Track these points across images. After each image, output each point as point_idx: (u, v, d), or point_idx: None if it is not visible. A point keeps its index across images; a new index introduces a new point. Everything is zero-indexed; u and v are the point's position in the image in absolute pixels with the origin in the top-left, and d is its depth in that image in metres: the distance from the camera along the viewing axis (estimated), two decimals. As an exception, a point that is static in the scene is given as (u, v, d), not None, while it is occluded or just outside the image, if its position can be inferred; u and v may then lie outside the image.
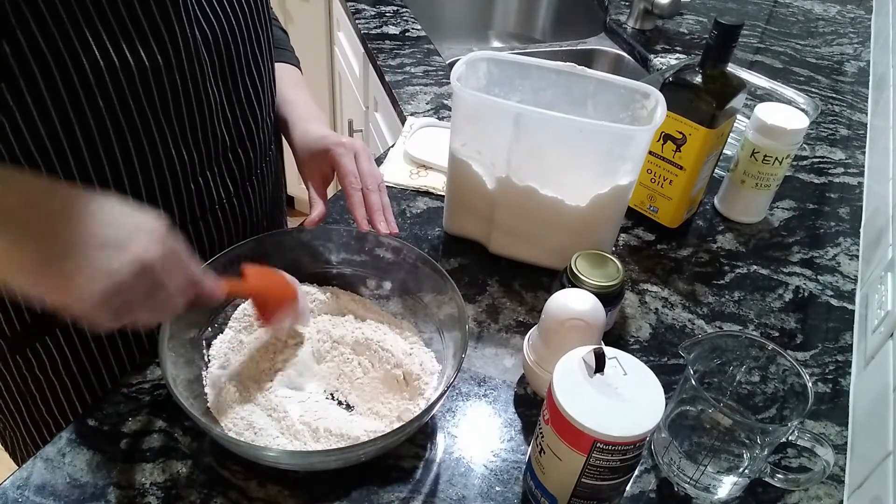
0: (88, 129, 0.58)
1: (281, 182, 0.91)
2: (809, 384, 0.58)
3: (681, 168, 0.84)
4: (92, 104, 0.56)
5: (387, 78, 1.21)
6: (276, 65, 0.83)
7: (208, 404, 0.62)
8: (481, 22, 1.73)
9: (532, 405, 0.68)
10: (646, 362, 0.55)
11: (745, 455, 0.60)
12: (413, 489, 0.60)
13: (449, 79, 0.97)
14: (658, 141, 0.84)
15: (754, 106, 0.90)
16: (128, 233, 0.48)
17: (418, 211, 0.92)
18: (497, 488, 0.61)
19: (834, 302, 0.84)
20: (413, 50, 1.31)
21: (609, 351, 0.54)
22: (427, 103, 1.14)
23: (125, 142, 0.60)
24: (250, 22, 0.68)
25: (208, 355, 0.66)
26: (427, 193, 0.94)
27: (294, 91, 0.83)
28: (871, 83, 1.32)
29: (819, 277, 0.87)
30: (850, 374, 0.75)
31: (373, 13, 1.43)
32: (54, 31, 0.52)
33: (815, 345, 0.78)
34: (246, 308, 0.70)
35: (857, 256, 0.91)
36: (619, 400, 0.52)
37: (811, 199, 1.01)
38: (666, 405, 0.53)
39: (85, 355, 0.71)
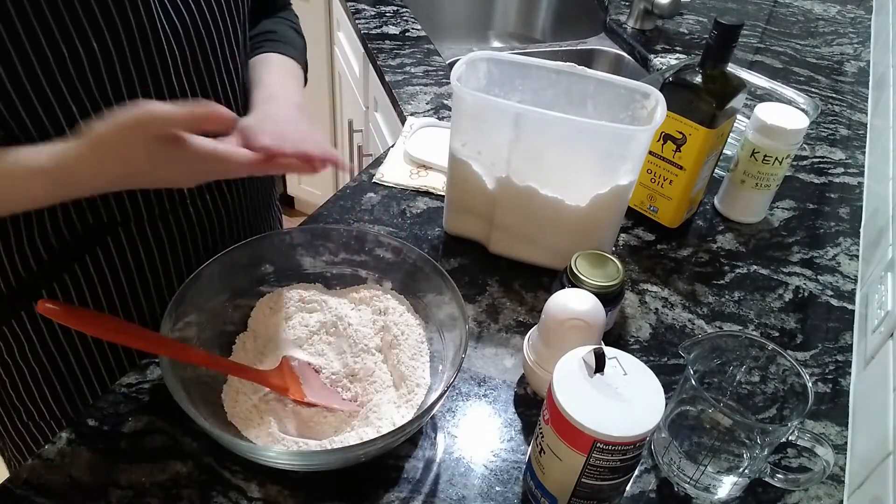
0: (54, 114, 0.58)
1: (268, 181, 0.91)
2: (809, 384, 0.58)
3: (681, 168, 0.84)
4: (56, 91, 0.57)
5: (387, 78, 1.21)
6: (266, 54, 0.80)
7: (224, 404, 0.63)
8: (481, 22, 1.73)
9: (532, 405, 0.68)
10: (646, 362, 0.55)
11: (745, 455, 0.60)
12: (413, 489, 0.60)
13: (449, 79, 0.97)
14: (658, 141, 0.84)
15: (754, 106, 0.90)
16: (113, 147, 0.53)
17: (418, 211, 0.92)
18: (497, 488, 0.61)
19: (834, 302, 0.84)
20: (413, 50, 1.31)
21: (609, 351, 0.54)
22: (427, 103, 1.14)
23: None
24: (227, 17, 0.68)
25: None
26: (427, 193, 0.94)
27: (270, 74, 0.77)
28: (871, 83, 1.32)
29: (819, 277, 0.87)
30: (850, 374, 0.75)
31: (373, 13, 1.43)
32: (15, 18, 0.53)
33: (815, 345, 0.78)
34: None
35: (857, 256, 0.91)
36: (619, 400, 0.52)
37: (811, 199, 1.01)
38: (666, 405, 0.53)
39: (51, 340, 0.71)
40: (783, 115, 0.87)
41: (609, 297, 0.68)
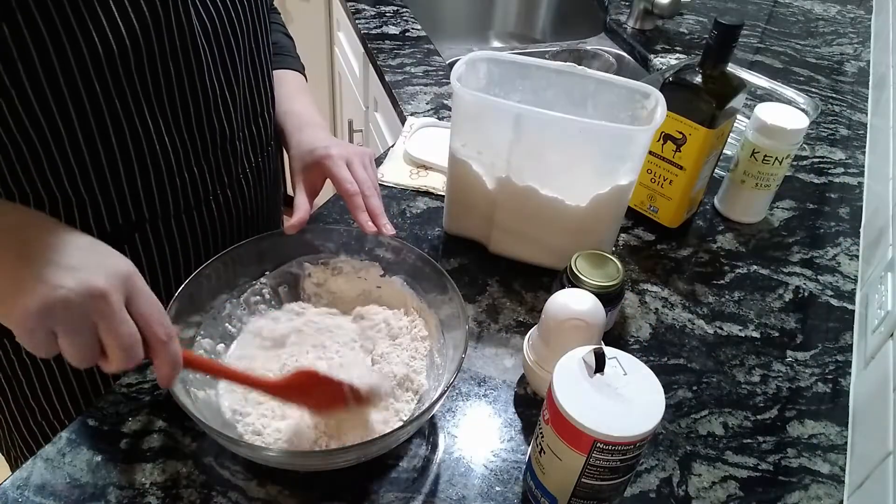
0: (84, 113, 0.58)
1: (280, 182, 0.92)
2: None
3: (681, 168, 0.84)
4: (89, 90, 0.57)
5: (387, 78, 1.21)
6: (279, 71, 0.84)
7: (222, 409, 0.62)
8: (481, 22, 1.73)
9: (532, 405, 0.68)
10: (646, 362, 0.55)
11: None
12: (413, 489, 0.60)
13: (449, 79, 0.97)
14: (658, 141, 0.84)
15: (754, 106, 0.90)
16: (90, 262, 0.47)
17: (418, 211, 0.92)
18: (497, 488, 0.61)
19: (834, 302, 0.84)
20: (413, 50, 1.31)
21: (609, 351, 0.54)
22: (427, 103, 1.14)
23: (121, 129, 0.61)
24: (251, 15, 0.69)
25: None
26: (427, 193, 0.94)
27: (292, 100, 0.83)
28: (871, 83, 1.32)
29: (819, 277, 0.87)
30: (850, 374, 0.75)
31: (373, 13, 1.43)
32: (54, 14, 0.52)
33: (815, 345, 0.78)
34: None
35: (857, 256, 0.91)
36: (619, 400, 0.52)
37: (811, 199, 1.01)
38: None
39: (29, 358, 0.71)
40: (783, 115, 0.87)
41: (609, 297, 0.68)
